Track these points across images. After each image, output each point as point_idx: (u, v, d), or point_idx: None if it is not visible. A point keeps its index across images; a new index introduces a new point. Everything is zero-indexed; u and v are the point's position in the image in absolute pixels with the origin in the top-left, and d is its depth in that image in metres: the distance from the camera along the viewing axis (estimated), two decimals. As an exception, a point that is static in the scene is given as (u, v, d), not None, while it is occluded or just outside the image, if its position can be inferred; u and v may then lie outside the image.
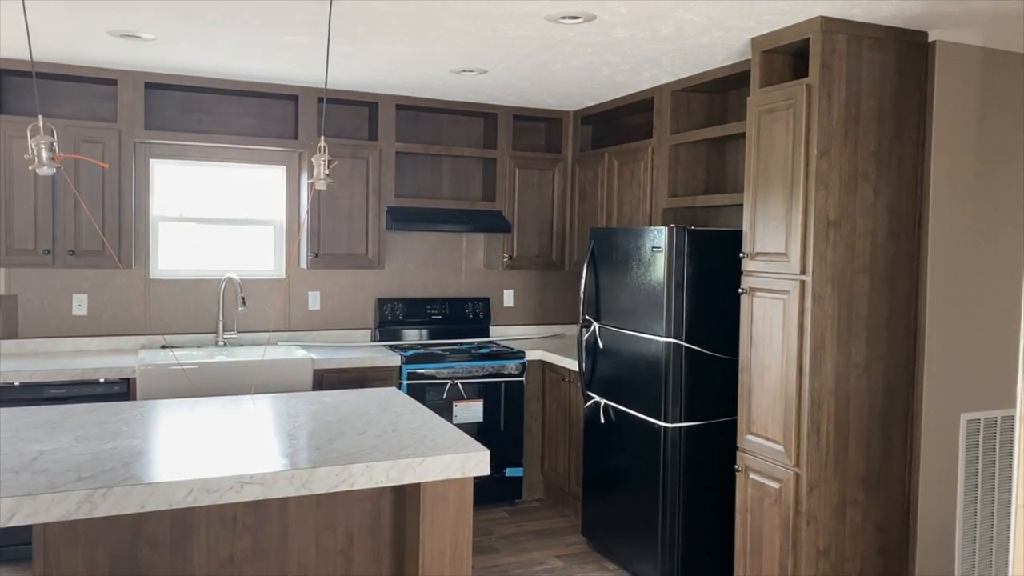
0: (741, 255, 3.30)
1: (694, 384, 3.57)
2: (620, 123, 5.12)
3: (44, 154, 2.05)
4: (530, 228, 5.16)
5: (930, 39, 3.14)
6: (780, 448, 3.08)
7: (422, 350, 4.68)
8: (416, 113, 5.03)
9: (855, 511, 3.09)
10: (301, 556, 2.53)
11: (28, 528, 3.59)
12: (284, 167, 4.79)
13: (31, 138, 2.08)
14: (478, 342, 5.09)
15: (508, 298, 5.42)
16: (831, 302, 3.00)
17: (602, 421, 4.04)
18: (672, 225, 3.56)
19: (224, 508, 2.42)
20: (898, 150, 3.12)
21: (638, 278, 3.75)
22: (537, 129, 5.43)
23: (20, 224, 3.96)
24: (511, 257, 5.09)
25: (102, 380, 3.85)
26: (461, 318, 5.17)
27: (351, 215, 4.65)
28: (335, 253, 4.62)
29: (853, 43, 3.00)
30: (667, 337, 3.55)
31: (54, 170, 2.10)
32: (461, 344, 4.98)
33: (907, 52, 3.11)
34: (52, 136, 2.09)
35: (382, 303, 4.97)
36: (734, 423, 3.48)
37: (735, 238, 3.45)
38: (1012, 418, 3.35)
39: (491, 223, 4.93)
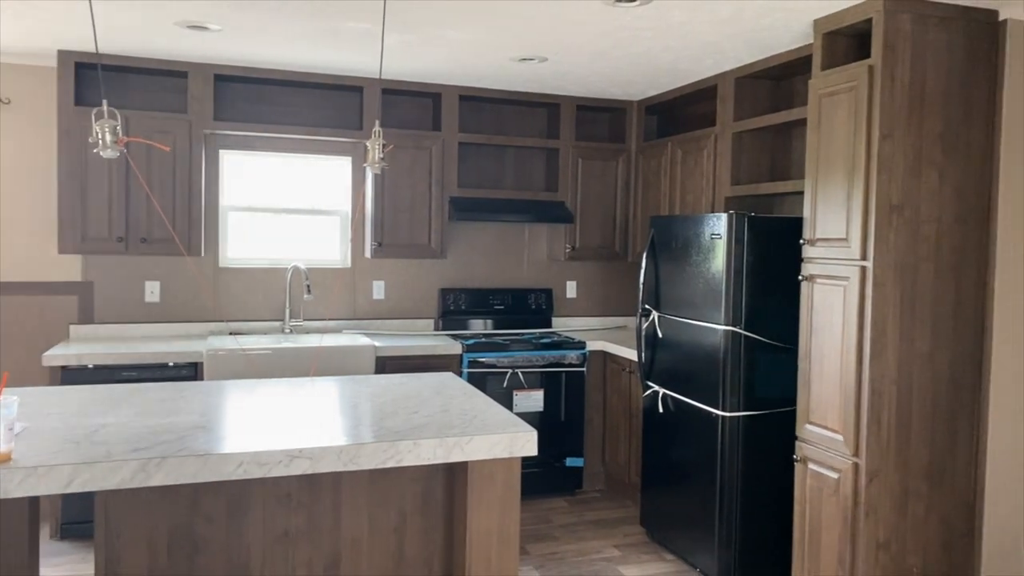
0: (801, 241, 3.22)
1: (753, 373, 3.51)
2: (684, 112, 5.05)
3: (108, 137, 2.16)
4: (593, 219, 5.14)
5: (1000, 17, 3.01)
6: (839, 438, 3.00)
7: (484, 339, 4.72)
8: (479, 104, 5.07)
9: (917, 503, 2.99)
10: (354, 533, 2.60)
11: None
12: (350, 158, 4.90)
13: (95, 122, 2.20)
14: (540, 332, 5.10)
15: (571, 289, 5.42)
16: (893, 289, 2.90)
17: (660, 411, 4.01)
18: (732, 212, 3.50)
19: (279, 484, 2.50)
20: (966, 133, 2.99)
21: (697, 266, 3.71)
22: (600, 119, 5.41)
23: (95, 212, 4.15)
24: (574, 248, 5.08)
25: (171, 364, 4.02)
26: (524, 309, 5.19)
27: (414, 205, 4.72)
28: (398, 243, 4.70)
29: (918, 23, 2.89)
30: (726, 325, 3.49)
31: (117, 153, 2.22)
32: (523, 334, 5.00)
33: (976, 31, 2.98)
34: (116, 120, 2.20)
35: (445, 293, 5.03)
36: (793, 413, 3.40)
37: (796, 225, 3.37)
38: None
39: (553, 214, 4.94)
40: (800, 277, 3.22)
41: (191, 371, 4.05)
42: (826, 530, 3.07)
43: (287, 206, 4.85)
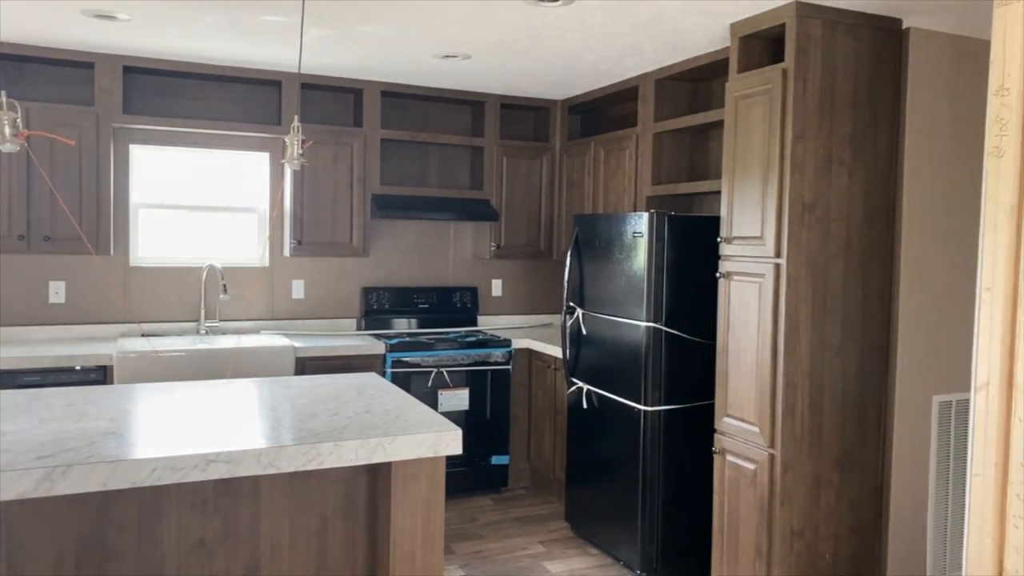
0: (719, 239, 3.30)
1: (674, 368, 3.58)
2: (607, 112, 5.12)
3: (7, 130, 2.05)
4: (518, 217, 5.15)
5: (904, 26, 3.15)
6: (756, 430, 3.09)
7: (408, 338, 4.68)
8: (402, 100, 5.02)
9: (829, 491, 3.10)
10: (274, 538, 2.53)
11: None
12: (268, 154, 4.78)
13: (-8, 114, 2.08)
14: (465, 331, 5.09)
15: (496, 287, 5.42)
16: (805, 285, 3.00)
17: (585, 407, 4.05)
18: (653, 211, 3.56)
19: (195, 491, 2.42)
20: (873, 135, 3.12)
21: (620, 264, 3.76)
22: (525, 118, 5.42)
23: (-8, 209, 3.91)
24: (499, 246, 5.09)
25: (78, 368, 3.82)
26: (448, 307, 5.16)
27: (335, 203, 4.64)
28: (319, 241, 4.61)
29: (828, 28, 3.00)
30: (647, 322, 3.55)
31: (17, 147, 2.10)
32: (448, 333, 4.98)
33: (882, 38, 3.11)
34: (16, 112, 2.09)
35: (368, 292, 4.96)
36: (713, 406, 3.48)
37: (715, 224, 3.46)
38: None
39: (478, 212, 4.92)
40: (718, 274, 3.30)
41: (100, 375, 3.86)
42: (744, 520, 3.16)
43: (202, 203, 4.69)
